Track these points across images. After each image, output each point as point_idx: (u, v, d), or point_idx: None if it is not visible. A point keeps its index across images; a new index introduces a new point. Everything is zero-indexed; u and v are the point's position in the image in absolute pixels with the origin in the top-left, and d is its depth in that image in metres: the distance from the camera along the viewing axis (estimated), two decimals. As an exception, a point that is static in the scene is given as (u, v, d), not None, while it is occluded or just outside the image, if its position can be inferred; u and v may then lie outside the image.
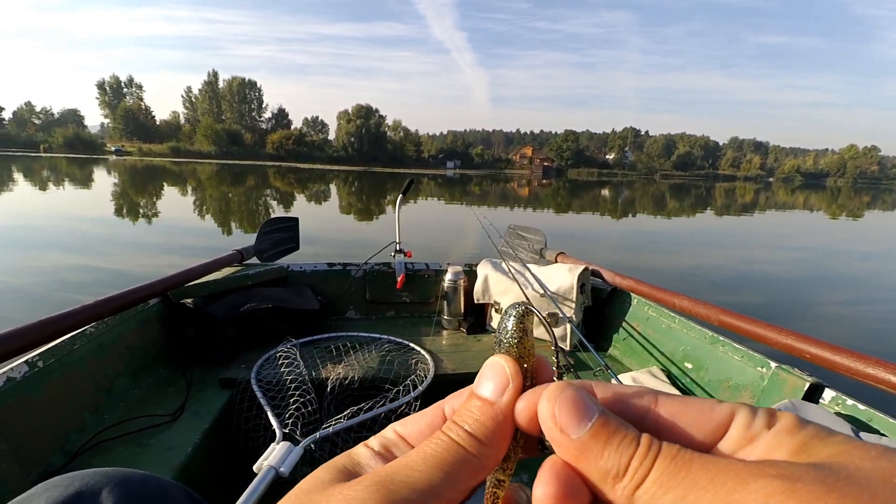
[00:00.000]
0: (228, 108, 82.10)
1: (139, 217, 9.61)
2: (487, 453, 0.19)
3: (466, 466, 0.19)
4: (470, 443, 0.19)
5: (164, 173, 27.64)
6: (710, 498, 0.14)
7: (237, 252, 1.78)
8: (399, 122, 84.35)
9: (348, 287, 1.83)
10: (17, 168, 26.02)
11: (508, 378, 0.20)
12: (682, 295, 1.45)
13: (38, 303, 3.69)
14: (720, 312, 1.30)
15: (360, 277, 1.86)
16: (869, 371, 0.92)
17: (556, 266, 1.72)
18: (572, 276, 1.61)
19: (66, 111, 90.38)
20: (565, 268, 1.66)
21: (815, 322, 4.43)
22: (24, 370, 0.92)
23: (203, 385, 1.27)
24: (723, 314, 1.29)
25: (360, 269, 1.86)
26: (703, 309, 1.36)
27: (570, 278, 1.61)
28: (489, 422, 0.20)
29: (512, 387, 0.20)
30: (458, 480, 0.18)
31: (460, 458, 0.19)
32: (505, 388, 0.20)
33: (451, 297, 1.74)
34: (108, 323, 1.19)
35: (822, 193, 46.72)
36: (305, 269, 1.84)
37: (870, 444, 0.14)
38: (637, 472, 0.16)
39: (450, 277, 1.74)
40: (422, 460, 0.19)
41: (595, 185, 41.77)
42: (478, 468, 0.19)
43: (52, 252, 5.68)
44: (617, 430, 0.17)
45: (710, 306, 1.34)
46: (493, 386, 0.20)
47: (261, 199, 14.88)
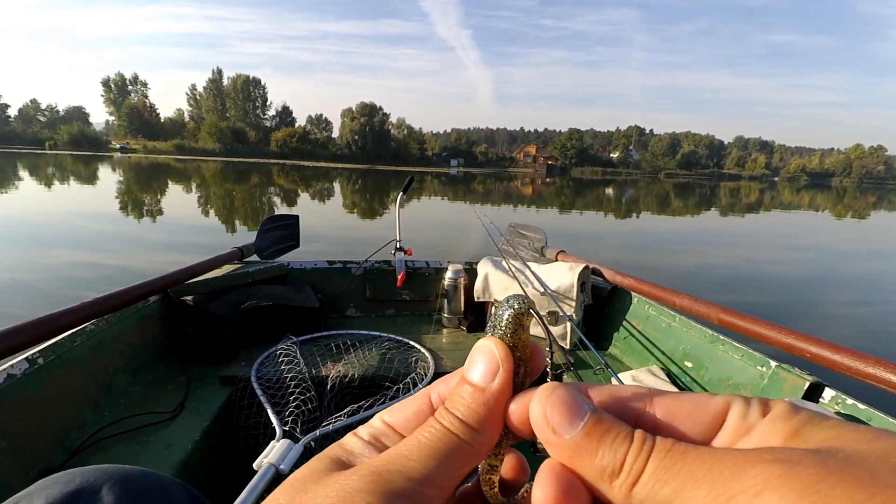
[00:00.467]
0: (233, 105, 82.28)
1: (144, 214, 9.67)
2: (480, 440, 0.19)
3: (460, 454, 0.19)
4: (462, 430, 0.19)
5: (169, 171, 27.77)
6: (708, 488, 0.14)
7: (237, 249, 1.78)
8: (403, 120, 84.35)
9: (348, 285, 1.83)
10: (22, 165, 26.20)
11: (498, 362, 0.20)
12: (682, 294, 1.45)
13: (43, 299, 3.72)
14: (720, 311, 1.30)
15: (360, 275, 1.86)
16: (869, 370, 0.91)
17: (557, 264, 1.71)
18: (573, 275, 1.60)
19: (72, 108, 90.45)
20: (566, 266, 1.66)
21: (821, 322, 4.42)
22: (24, 367, 0.92)
23: (203, 382, 1.27)
24: (723, 313, 1.29)
25: (360, 266, 1.86)
26: (703, 308, 1.35)
27: (571, 277, 1.60)
28: (480, 408, 0.19)
29: (503, 371, 0.20)
30: (451, 468, 0.18)
31: (453, 445, 0.19)
32: (495, 372, 0.20)
33: (452, 295, 1.74)
34: (109, 320, 1.19)
35: (827, 193, 46.50)
36: (306, 267, 1.84)
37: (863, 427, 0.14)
38: (633, 468, 0.16)
39: (450, 276, 1.74)
40: (416, 449, 0.18)
41: (599, 184, 41.72)
42: (471, 455, 0.19)
43: (58, 249, 5.73)
44: (610, 428, 0.17)
45: (711, 305, 1.34)
46: (482, 369, 0.20)
47: (265, 197, 14.94)
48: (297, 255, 2.08)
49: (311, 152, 71.86)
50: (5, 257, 5.19)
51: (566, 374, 1.44)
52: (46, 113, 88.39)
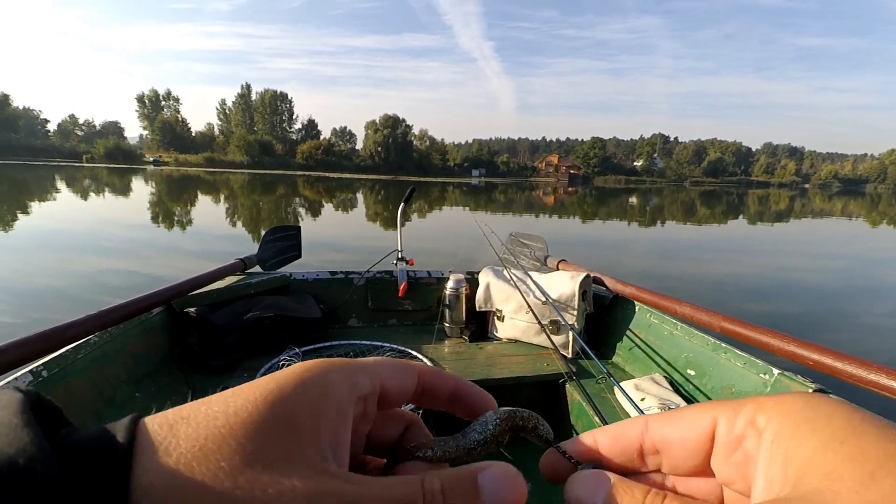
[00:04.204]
0: (261, 119, 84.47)
1: (174, 224, 9.93)
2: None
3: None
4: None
5: (199, 182, 28.57)
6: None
7: (240, 261, 1.80)
8: (425, 131, 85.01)
9: (350, 295, 1.84)
10: (60, 177, 27.29)
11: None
12: (684, 302, 1.43)
13: (76, 304, 3.82)
14: (722, 319, 1.28)
15: (362, 285, 1.87)
16: (871, 377, 0.90)
17: (558, 273, 1.71)
18: (574, 284, 1.59)
19: (108, 123, 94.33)
20: (567, 275, 1.65)
21: (856, 334, 4.24)
22: (28, 379, 0.93)
23: (206, 393, 1.24)
24: (725, 321, 1.27)
25: (362, 277, 1.87)
26: (704, 316, 1.33)
27: (572, 285, 1.59)
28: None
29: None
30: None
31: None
32: None
33: (453, 304, 1.74)
34: (112, 332, 1.20)
35: (861, 200, 44.86)
36: (307, 278, 1.85)
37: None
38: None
39: (451, 285, 1.75)
40: None
41: (622, 193, 41.08)
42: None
43: (93, 256, 5.95)
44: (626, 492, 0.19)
45: (713, 313, 1.32)
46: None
47: (290, 207, 15.22)
48: (299, 265, 2.11)
49: (335, 164, 73.05)
50: (43, 264, 5.39)
51: (568, 383, 1.43)
52: (84, 127, 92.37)
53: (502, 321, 1.73)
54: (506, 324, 1.72)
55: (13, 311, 3.73)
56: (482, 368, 1.50)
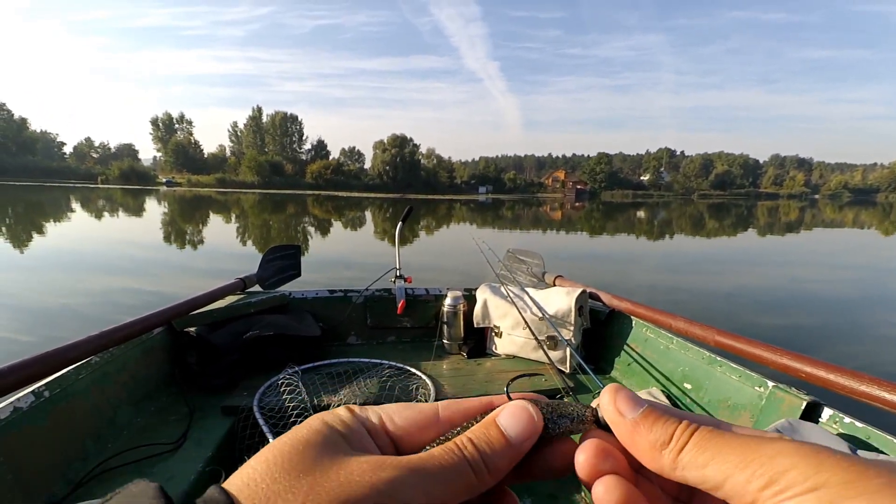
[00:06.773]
0: (271, 140, 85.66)
1: (185, 243, 10.07)
2: (488, 483, 0.21)
3: (465, 489, 0.21)
4: (480, 472, 0.21)
5: (211, 202, 28.93)
6: (738, 453, 0.18)
7: (240, 280, 1.83)
8: (433, 150, 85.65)
9: (349, 313, 1.85)
10: (75, 198, 27.83)
11: (535, 429, 0.23)
12: (679, 316, 1.44)
13: (90, 322, 3.88)
14: (716, 333, 1.28)
15: (360, 303, 1.89)
16: (863, 389, 0.91)
17: (555, 289, 1.72)
18: (570, 299, 1.61)
19: (122, 146, 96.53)
20: (563, 291, 1.66)
21: (871, 346, 4.16)
22: (30, 400, 0.94)
23: (205, 413, 1.27)
24: (719, 335, 1.27)
25: (360, 295, 1.89)
26: (699, 330, 1.34)
27: (568, 301, 1.61)
28: (505, 463, 0.22)
29: (534, 436, 0.23)
30: (451, 497, 0.20)
31: (466, 481, 0.21)
32: (529, 436, 0.23)
33: (451, 321, 1.76)
34: (113, 353, 1.21)
35: (872, 210, 44.25)
36: (307, 296, 1.87)
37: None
38: (679, 440, 0.20)
39: (449, 302, 1.76)
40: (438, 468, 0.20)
41: (630, 207, 41.01)
42: (471, 492, 0.21)
43: (106, 275, 6.05)
44: (662, 414, 0.21)
45: (707, 327, 1.32)
46: (520, 429, 0.23)
47: (300, 226, 15.36)
48: (298, 284, 2.13)
49: (344, 183, 73.64)
50: (57, 283, 5.48)
51: (566, 398, 1.43)
52: (99, 150, 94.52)
53: (500, 337, 1.74)
54: (503, 340, 1.73)
55: (27, 329, 3.79)
56: (481, 384, 1.51)
